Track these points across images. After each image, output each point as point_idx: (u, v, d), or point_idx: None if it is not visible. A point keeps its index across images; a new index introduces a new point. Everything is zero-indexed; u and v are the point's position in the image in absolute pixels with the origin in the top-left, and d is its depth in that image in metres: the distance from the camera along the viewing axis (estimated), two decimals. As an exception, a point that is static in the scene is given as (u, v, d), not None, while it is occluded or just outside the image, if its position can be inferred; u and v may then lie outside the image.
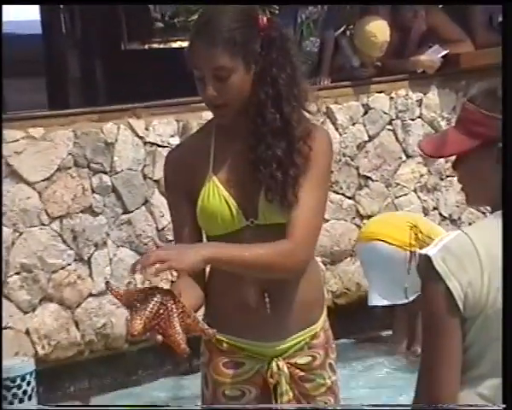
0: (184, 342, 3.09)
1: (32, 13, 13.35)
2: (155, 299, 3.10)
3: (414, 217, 7.67)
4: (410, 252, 7.08)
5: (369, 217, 8.15)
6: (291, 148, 3.45)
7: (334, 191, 8.04)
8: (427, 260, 2.84)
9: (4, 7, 7.69)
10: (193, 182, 3.55)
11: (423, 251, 2.96)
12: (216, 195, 3.52)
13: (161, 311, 3.10)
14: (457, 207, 8.33)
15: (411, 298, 7.02)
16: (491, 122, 2.96)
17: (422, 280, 2.93)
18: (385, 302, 7.23)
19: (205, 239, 3.67)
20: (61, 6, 13.16)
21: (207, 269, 3.65)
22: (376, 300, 7.28)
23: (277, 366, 3.66)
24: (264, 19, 3.37)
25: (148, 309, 3.07)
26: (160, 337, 3.07)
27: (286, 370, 3.66)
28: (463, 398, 2.94)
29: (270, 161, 3.45)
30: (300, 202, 3.47)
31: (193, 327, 3.15)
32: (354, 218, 8.14)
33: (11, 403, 6.54)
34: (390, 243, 7.20)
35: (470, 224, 6.65)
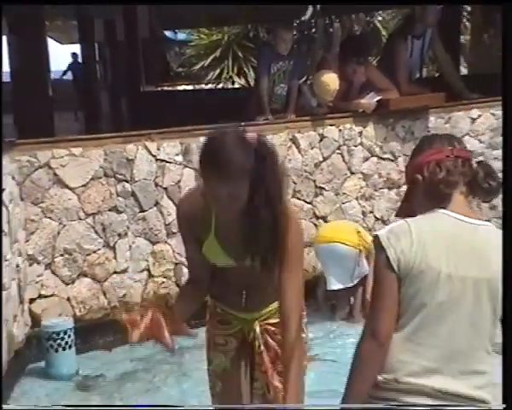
0: (171, 342, 3.44)
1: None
2: (148, 316, 3.40)
3: (355, 224, 7.85)
4: (359, 250, 7.29)
5: (322, 217, 8.15)
6: (275, 236, 3.43)
7: (297, 198, 8.03)
8: (376, 238, 3.13)
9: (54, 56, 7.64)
10: (199, 231, 3.56)
11: (375, 233, 3.28)
12: (214, 250, 3.58)
13: (153, 323, 3.40)
14: (387, 211, 8.34)
15: (355, 282, 7.40)
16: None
17: (374, 252, 3.20)
18: (340, 286, 7.40)
19: None
20: (97, 58, 13.09)
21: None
22: (334, 285, 7.43)
23: (253, 325, 3.77)
24: (256, 138, 3.28)
25: (143, 324, 3.38)
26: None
27: (258, 328, 3.77)
28: (395, 339, 3.05)
29: (256, 241, 3.45)
30: (287, 288, 3.54)
31: (179, 331, 3.55)
32: (311, 218, 8.14)
33: (56, 351, 6.53)
34: (346, 245, 7.37)
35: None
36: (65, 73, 18.63)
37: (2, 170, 3.41)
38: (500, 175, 3.10)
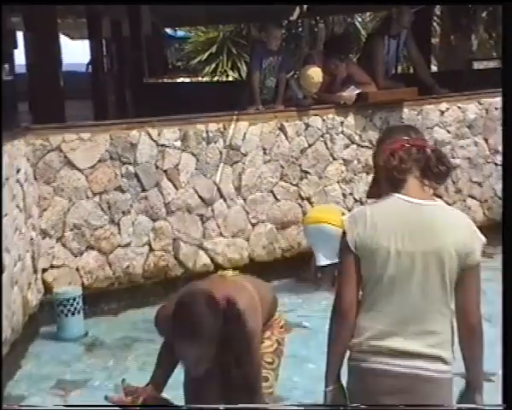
0: None
1: (86, 58, 13.26)
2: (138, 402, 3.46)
3: (339, 207, 7.93)
4: (343, 230, 7.26)
5: (307, 199, 8.13)
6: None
7: (284, 181, 8.03)
8: (342, 222, 3.37)
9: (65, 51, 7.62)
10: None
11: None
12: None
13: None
14: (364, 194, 8.33)
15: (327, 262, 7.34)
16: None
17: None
18: (328, 262, 7.34)
19: None
20: (105, 53, 13.05)
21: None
22: (323, 261, 7.40)
23: None
24: (225, 300, 3.36)
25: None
26: None
27: None
28: (360, 310, 3.23)
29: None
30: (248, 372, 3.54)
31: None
32: (297, 199, 8.12)
33: (66, 316, 6.55)
34: (332, 225, 7.24)
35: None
36: (88, 66, 18.77)
37: (2, 172, 3.24)
38: (451, 161, 3.31)
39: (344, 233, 3.31)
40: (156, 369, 3.70)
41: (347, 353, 3.26)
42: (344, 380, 3.30)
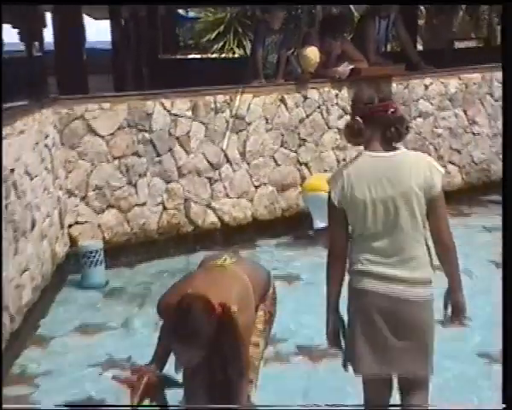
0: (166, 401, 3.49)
1: (107, 36, 13.16)
2: (144, 379, 3.34)
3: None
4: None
5: (305, 164, 8.13)
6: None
7: (285, 148, 8.02)
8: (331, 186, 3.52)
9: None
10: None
11: None
12: None
13: (149, 386, 3.34)
14: (329, 193, 8.35)
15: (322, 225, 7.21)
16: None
17: None
18: (324, 225, 7.28)
19: None
20: (124, 34, 13.00)
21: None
22: (319, 224, 7.34)
23: None
24: (221, 306, 3.29)
25: (140, 390, 3.29)
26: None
27: None
28: (352, 247, 3.50)
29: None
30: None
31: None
32: (296, 164, 8.12)
33: (89, 266, 6.59)
34: (326, 192, 7.27)
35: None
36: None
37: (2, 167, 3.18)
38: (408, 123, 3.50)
39: (329, 193, 3.51)
40: (157, 348, 3.63)
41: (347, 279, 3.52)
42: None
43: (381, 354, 3.38)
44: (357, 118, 3.40)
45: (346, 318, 3.55)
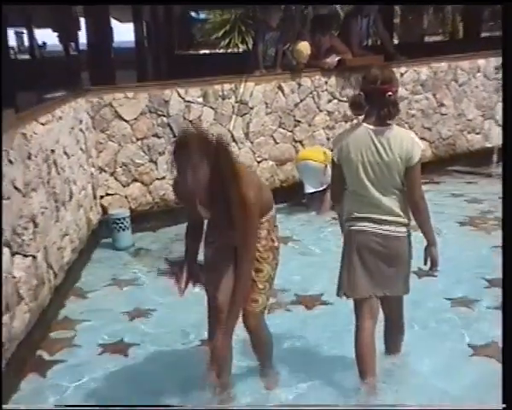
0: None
1: (130, 35, 13.09)
2: (184, 270, 3.31)
3: (323, 148, 7.67)
4: (325, 165, 7.14)
5: (299, 141, 8.07)
6: (231, 206, 3.23)
7: (282, 128, 7.98)
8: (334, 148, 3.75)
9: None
10: (189, 201, 3.22)
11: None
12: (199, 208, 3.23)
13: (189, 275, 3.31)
14: (331, 150, 8.32)
15: (324, 187, 7.22)
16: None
17: None
18: (312, 190, 7.36)
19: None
20: (145, 32, 12.89)
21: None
22: (308, 189, 7.38)
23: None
24: (215, 136, 3.13)
25: (183, 278, 3.27)
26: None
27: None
28: (347, 196, 3.74)
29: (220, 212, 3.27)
30: (244, 233, 3.29)
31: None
32: (292, 142, 8.10)
33: (118, 231, 6.57)
34: (315, 161, 7.32)
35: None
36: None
37: (2, 166, 3.13)
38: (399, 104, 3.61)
39: (331, 150, 3.80)
40: (187, 248, 3.53)
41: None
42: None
43: (373, 279, 3.67)
44: (361, 93, 3.61)
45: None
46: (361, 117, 3.69)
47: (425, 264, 3.68)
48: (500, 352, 4.06)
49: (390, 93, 3.53)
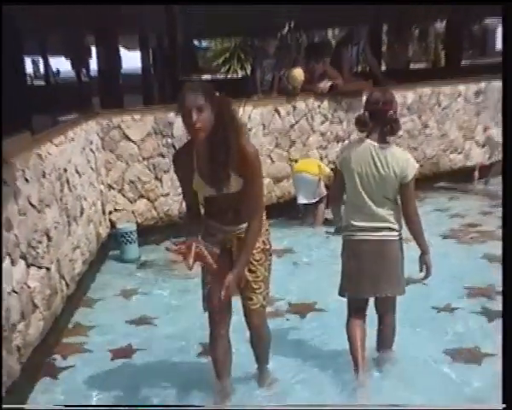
0: (212, 261, 3.15)
1: (137, 62, 13.11)
2: (193, 248, 3.11)
3: (317, 160, 7.75)
4: (319, 178, 7.23)
5: (295, 160, 8.02)
6: (230, 157, 3.15)
7: (279, 148, 7.98)
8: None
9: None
10: (188, 170, 3.28)
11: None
12: (199, 184, 3.29)
13: (197, 252, 3.13)
14: (337, 158, 8.32)
15: (316, 199, 7.28)
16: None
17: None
18: (305, 201, 7.39)
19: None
20: (151, 59, 12.93)
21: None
22: (301, 200, 7.39)
23: (231, 237, 3.44)
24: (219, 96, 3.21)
25: (192, 255, 3.09)
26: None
27: (235, 239, 3.43)
28: (346, 205, 3.91)
29: (220, 164, 3.18)
30: (252, 196, 3.28)
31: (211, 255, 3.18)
32: (287, 161, 8.07)
33: (125, 244, 6.57)
34: (310, 174, 7.35)
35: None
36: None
37: (2, 177, 3.28)
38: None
39: (337, 157, 4.03)
40: (188, 229, 3.39)
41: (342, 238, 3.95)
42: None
43: (371, 282, 3.81)
44: (366, 113, 3.74)
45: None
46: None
47: (420, 271, 3.82)
48: (478, 355, 4.10)
49: (391, 112, 3.70)
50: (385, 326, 3.99)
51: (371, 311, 3.96)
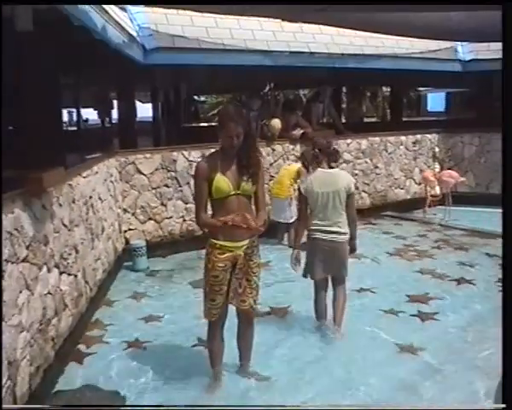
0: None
1: (149, 112, 13.07)
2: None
3: (297, 165, 7.23)
4: (290, 198, 7.13)
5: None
6: (252, 165, 3.40)
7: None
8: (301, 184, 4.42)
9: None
10: (209, 176, 3.33)
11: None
12: (221, 180, 3.33)
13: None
14: (301, 184, 8.33)
15: (288, 220, 7.16)
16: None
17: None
18: (276, 219, 7.25)
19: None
20: (160, 110, 12.96)
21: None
22: (274, 217, 7.21)
23: (240, 253, 3.45)
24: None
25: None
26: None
27: (242, 253, 3.45)
28: (311, 218, 4.34)
29: (244, 169, 3.38)
30: (260, 193, 3.49)
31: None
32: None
33: (137, 256, 6.51)
34: (281, 198, 7.25)
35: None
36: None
37: (1, 189, 3.18)
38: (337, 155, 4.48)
39: (299, 188, 4.43)
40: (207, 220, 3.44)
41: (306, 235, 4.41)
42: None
43: (325, 266, 4.36)
44: (317, 150, 4.34)
45: (303, 255, 4.44)
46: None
47: (350, 252, 4.38)
48: (418, 350, 4.15)
49: (333, 148, 4.44)
50: (338, 297, 4.43)
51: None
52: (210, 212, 3.47)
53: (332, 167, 4.35)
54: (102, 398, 3.56)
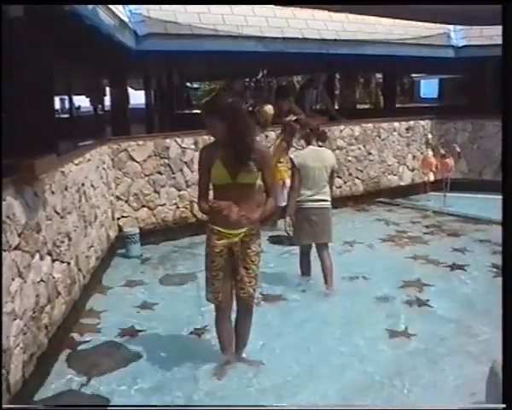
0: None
1: (141, 99, 13.01)
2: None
3: (289, 155, 6.97)
4: (283, 182, 7.01)
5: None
6: (249, 154, 3.37)
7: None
8: (294, 157, 5.04)
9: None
10: (211, 162, 3.38)
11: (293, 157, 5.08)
12: (219, 167, 3.35)
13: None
14: (295, 157, 8.33)
15: (281, 205, 6.89)
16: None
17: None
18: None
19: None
20: (154, 98, 12.89)
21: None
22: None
23: (236, 240, 3.44)
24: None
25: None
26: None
27: (238, 240, 3.44)
28: (302, 189, 4.96)
29: (242, 158, 3.37)
30: (268, 180, 3.51)
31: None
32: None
33: (130, 243, 6.51)
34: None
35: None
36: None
37: (2, 192, 3.14)
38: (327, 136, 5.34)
39: (292, 161, 5.00)
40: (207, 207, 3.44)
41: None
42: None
43: (313, 233, 4.96)
44: (308, 130, 5.03)
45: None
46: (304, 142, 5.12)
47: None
48: (410, 336, 4.17)
49: (321, 129, 5.15)
50: (323, 262, 4.98)
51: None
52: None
53: (320, 146, 5.02)
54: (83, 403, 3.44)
